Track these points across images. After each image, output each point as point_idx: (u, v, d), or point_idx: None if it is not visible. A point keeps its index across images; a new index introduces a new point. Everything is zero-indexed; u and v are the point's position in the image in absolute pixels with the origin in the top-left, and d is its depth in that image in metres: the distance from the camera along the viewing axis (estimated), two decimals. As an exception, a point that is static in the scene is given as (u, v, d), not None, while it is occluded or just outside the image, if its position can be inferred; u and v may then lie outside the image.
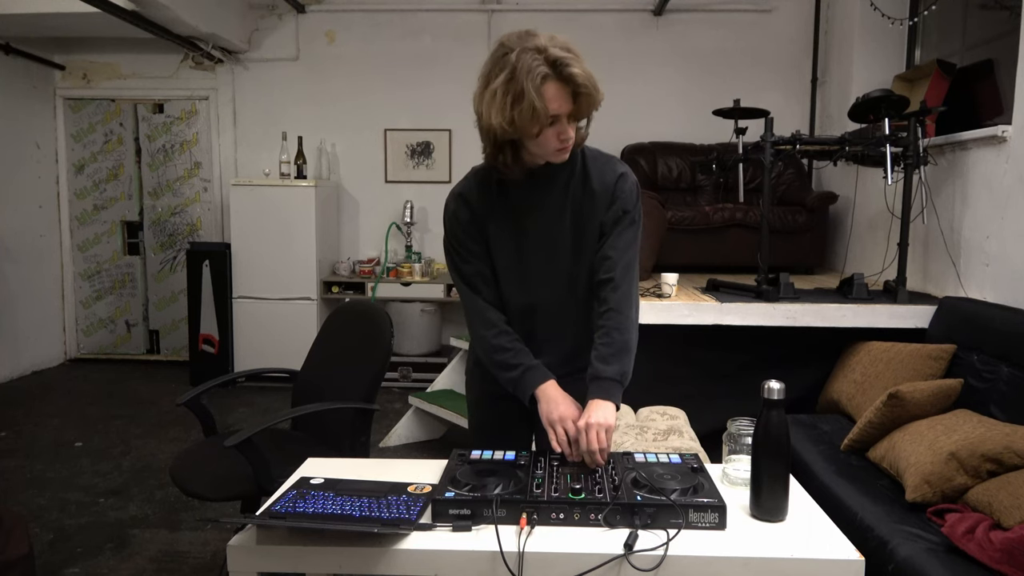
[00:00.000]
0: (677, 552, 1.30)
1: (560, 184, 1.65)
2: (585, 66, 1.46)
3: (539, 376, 1.65)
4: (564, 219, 1.66)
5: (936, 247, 3.50)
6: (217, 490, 2.19)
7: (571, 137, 1.54)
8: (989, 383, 2.58)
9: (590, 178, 1.66)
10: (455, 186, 1.73)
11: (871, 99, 3.23)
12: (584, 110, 1.51)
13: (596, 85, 1.48)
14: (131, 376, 5.55)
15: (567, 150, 1.56)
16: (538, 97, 1.44)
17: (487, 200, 1.68)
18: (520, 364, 1.67)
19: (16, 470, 3.69)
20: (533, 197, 1.65)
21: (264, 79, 5.68)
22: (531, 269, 1.69)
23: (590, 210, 1.66)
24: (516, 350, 1.69)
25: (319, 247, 5.23)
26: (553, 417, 1.58)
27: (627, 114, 5.33)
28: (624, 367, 1.61)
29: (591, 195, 1.65)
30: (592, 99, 1.49)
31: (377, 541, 1.33)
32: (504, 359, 1.69)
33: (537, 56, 1.44)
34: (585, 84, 1.45)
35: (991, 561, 1.76)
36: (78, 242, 5.95)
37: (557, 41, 1.47)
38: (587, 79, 1.46)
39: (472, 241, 1.70)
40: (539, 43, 1.45)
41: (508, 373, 1.68)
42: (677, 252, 4.28)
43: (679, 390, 3.18)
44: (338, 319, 2.69)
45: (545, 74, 1.44)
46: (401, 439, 4.17)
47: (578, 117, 1.52)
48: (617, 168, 1.68)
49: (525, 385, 1.65)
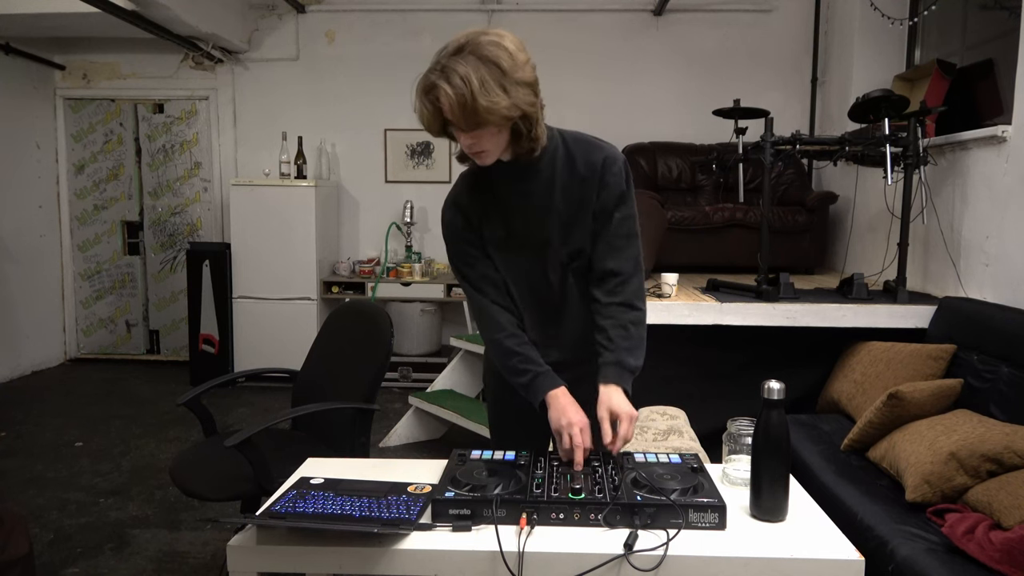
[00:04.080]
0: (677, 552, 1.30)
1: (544, 171, 1.63)
2: (478, 80, 1.40)
3: (549, 382, 1.65)
4: (554, 204, 1.64)
5: (936, 247, 3.50)
6: (217, 490, 2.19)
7: (471, 145, 1.50)
8: (989, 383, 2.58)
9: (575, 162, 1.63)
10: (448, 193, 1.74)
11: (871, 99, 3.23)
12: (463, 121, 1.44)
13: (479, 97, 1.40)
14: (131, 376, 5.55)
15: (479, 156, 1.54)
16: (420, 102, 1.47)
17: (478, 199, 1.68)
18: (529, 370, 1.66)
19: (16, 470, 3.69)
20: (520, 188, 1.64)
21: (264, 79, 5.68)
22: (526, 259, 1.69)
23: (579, 193, 1.63)
24: (525, 355, 1.67)
25: (319, 247, 5.23)
26: (561, 423, 1.58)
27: (627, 114, 5.34)
28: (640, 362, 1.64)
29: (579, 180, 1.63)
30: (474, 111, 1.41)
31: (377, 541, 1.33)
32: (514, 364, 1.68)
33: (439, 61, 1.44)
34: (448, 98, 1.41)
35: (991, 561, 1.76)
36: (78, 242, 5.95)
37: (482, 44, 1.43)
38: (452, 94, 1.40)
39: (471, 246, 1.70)
40: (458, 44, 1.44)
41: (518, 378, 1.68)
42: (677, 252, 4.28)
43: (679, 390, 3.18)
44: (338, 319, 2.69)
45: (430, 82, 1.44)
46: (401, 439, 4.17)
47: (465, 128, 1.46)
48: (603, 150, 1.64)
49: (535, 391, 1.65)
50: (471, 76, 1.40)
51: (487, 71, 1.42)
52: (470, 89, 1.40)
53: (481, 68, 1.42)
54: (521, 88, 1.46)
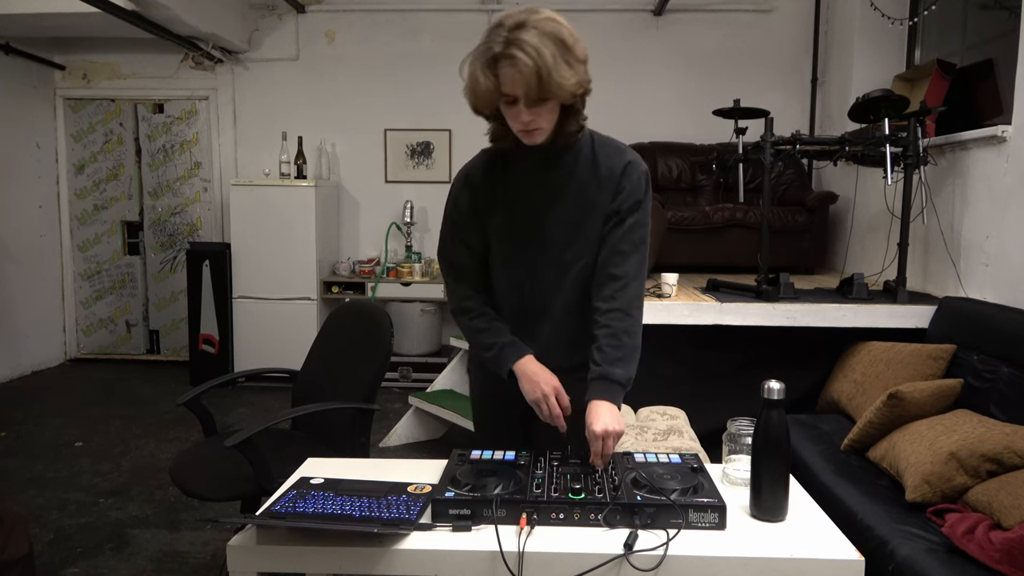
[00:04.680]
0: (677, 552, 1.30)
1: (567, 166, 1.62)
2: (550, 53, 1.40)
3: (515, 352, 1.64)
4: (567, 201, 1.63)
5: (936, 247, 3.50)
6: (217, 490, 2.19)
7: (531, 121, 1.49)
8: (989, 383, 2.58)
9: (599, 164, 1.63)
10: (465, 165, 1.73)
11: (871, 99, 3.23)
12: (536, 93, 1.43)
13: (552, 70, 1.41)
14: (131, 376, 5.55)
15: (532, 134, 1.52)
16: (484, 75, 1.44)
17: (491, 178, 1.66)
18: (496, 343, 1.66)
19: (16, 470, 3.69)
20: (539, 178, 1.63)
21: (264, 79, 5.68)
22: (528, 249, 1.67)
23: (595, 196, 1.62)
24: (492, 329, 1.68)
25: (319, 247, 5.23)
26: (537, 395, 1.59)
27: (627, 114, 5.33)
28: (631, 372, 1.59)
29: (597, 181, 1.62)
30: (549, 83, 1.42)
31: (377, 541, 1.33)
32: (482, 340, 1.69)
33: (501, 34, 1.43)
34: (525, 69, 1.40)
35: (991, 561, 1.76)
36: (78, 242, 5.95)
37: (541, 21, 1.43)
38: (530, 64, 1.40)
39: (467, 229, 1.69)
40: (517, 21, 1.43)
41: (487, 353, 1.68)
42: (677, 252, 4.28)
43: (679, 390, 3.18)
44: (338, 319, 2.69)
45: (495, 53, 1.42)
46: (401, 439, 4.17)
47: (531, 101, 1.45)
48: (626, 156, 1.64)
49: (502, 361, 1.65)
50: (542, 49, 1.41)
51: (554, 46, 1.43)
52: (544, 61, 1.40)
53: (548, 42, 1.42)
54: (581, 66, 1.48)
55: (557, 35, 1.44)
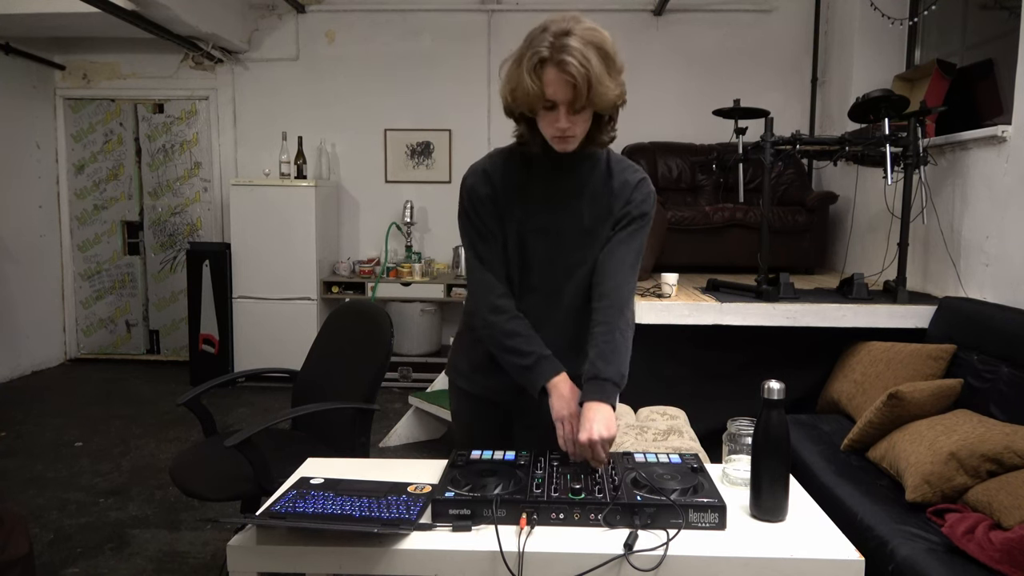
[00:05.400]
0: (677, 552, 1.30)
1: (583, 174, 1.65)
2: (596, 62, 1.43)
3: (551, 368, 1.60)
4: (580, 207, 1.65)
5: (936, 247, 3.50)
6: (217, 490, 2.19)
7: (568, 128, 1.50)
8: (989, 383, 2.58)
9: (613, 175, 1.67)
10: (477, 162, 1.70)
11: (871, 99, 3.23)
12: (581, 101, 1.45)
13: (598, 80, 1.44)
14: (131, 376, 5.55)
15: (566, 141, 1.53)
16: (531, 78, 1.45)
17: (509, 174, 1.66)
18: (533, 352, 1.61)
19: (16, 470, 3.69)
20: (554, 184, 1.65)
21: (264, 79, 5.68)
22: (537, 250, 1.67)
23: (606, 206, 1.65)
24: (530, 336, 1.64)
25: (319, 247, 5.23)
26: (564, 414, 1.55)
27: (627, 114, 5.20)
28: (623, 368, 1.59)
29: (610, 192, 1.66)
30: (593, 92, 1.44)
31: (377, 541, 1.33)
32: (516, 345, 1.63)
33: (547, 39, 1.44)
34: (576, 74, 1.42)
35: (991, 561, 1.76)
36: (78, 242, 5.95)
37: (585, 31, 1.45)
38: (581, 71, 1.42)
39: (490, 218, 1.66)
40: (562, 28, 1.45)
41: (519, 360, 1.62)
42: (677, 252, 4.29)
43: (679, 390, 3.18)
44: (338, 319, 2.69)
45: (543, 57, 1.44)
46: (401, 439, 4.17)
47: (575, 108, 1.47)
48: (639, 173, 1.70)
49: (536, 375, 1.60)
50: (591, 57, 1.43)
51: (598, 56, 1.45)
52: (592, 70, 1.43)
53: (592, 52, 1.44)
54: (620, 77, 1.51)
55: (601, 45, 1.46)
